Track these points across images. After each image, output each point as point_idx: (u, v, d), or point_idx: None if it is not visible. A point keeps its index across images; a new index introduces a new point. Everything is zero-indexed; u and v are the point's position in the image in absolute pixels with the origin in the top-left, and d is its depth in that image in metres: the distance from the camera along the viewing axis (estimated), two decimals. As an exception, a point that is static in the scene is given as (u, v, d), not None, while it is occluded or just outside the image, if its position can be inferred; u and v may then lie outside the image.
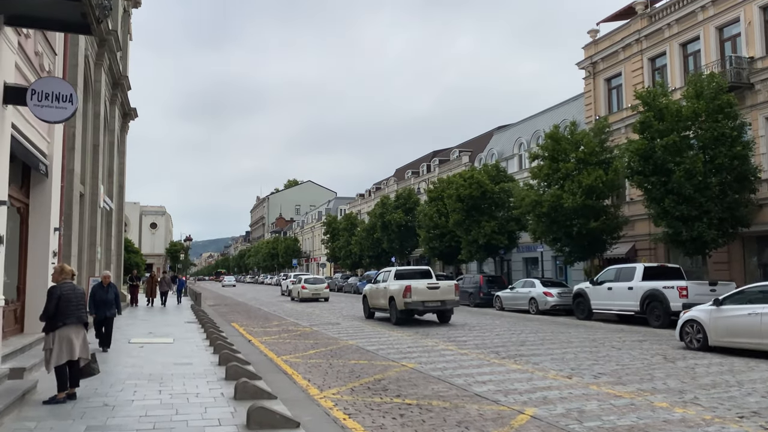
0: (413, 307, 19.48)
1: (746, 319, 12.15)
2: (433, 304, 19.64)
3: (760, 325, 11.84)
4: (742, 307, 12.42)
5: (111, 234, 27.40)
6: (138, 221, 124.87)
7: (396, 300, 19.84)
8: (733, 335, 12.46)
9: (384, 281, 21.52)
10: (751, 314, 12.08)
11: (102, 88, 22.53)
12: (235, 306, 33.34)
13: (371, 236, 50.65)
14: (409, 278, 20.51)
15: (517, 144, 40.11)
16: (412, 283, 19.61)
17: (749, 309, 12.19)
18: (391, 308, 20.28)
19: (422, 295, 19.42)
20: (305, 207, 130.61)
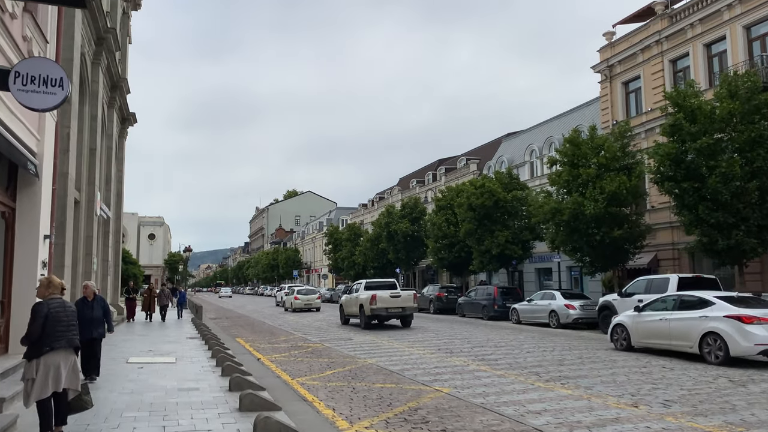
0: (378, 313, 22.94)
1: (658, 323, 14.46)
2: (395, 310, 23.10)
3: (669, 329, 14.10)
4: (655, 313, 14.76)
5: (108, 244, 26.09)
6: (136, 232, 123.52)
7: (364, 307, 23.04)
8: (649, 337, 14.78)
9: (356, 292, 24.67)
10: (662, 319, 14.40)
11: (99, 89, 21.32)
12: (237, 319, 31.96)
13: (376, 246, 49.34)
14: (376, 289, 23.60)
15: (528, 151, 38.93)
16: (377, 293, 22.98)
17: (661, 315, 14.55)
18: (361, 314, 23.43)
19: (386, 302, 22.88)
20: (305, 218, 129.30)
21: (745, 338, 12.28)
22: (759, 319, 12.40)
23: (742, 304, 13.14)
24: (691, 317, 13.65)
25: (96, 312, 9.93)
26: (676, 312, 14.21)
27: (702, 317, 13.32)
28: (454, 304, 33.77)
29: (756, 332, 12.25)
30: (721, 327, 12.73)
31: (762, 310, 12.77)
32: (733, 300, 13.53)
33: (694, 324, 13.43)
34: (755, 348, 12.26)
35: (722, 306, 13.13)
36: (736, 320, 12.57)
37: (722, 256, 19.45)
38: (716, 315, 13.03)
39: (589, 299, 24.37)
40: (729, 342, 12.50)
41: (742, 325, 12.43)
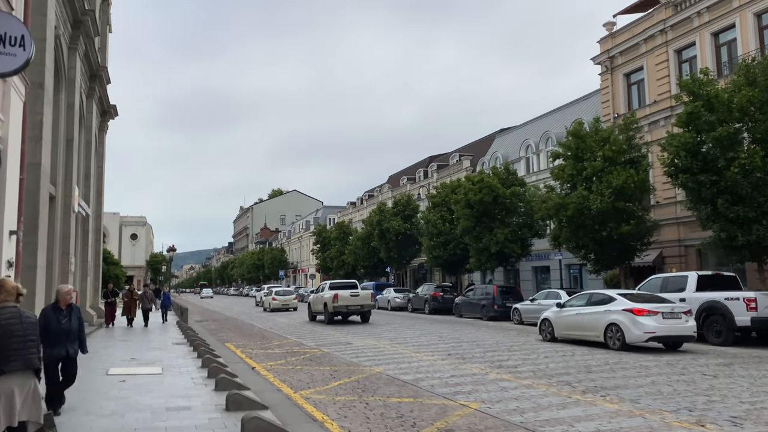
0: (339, 310, 25.82)
1: (575, 317, 16.63)
2: (354, 307, 26.00)
3: (582, 321, 16.34)
4: (572, 308, 16.95)
5: (88, 243, 24.61)
6: (118, 232, 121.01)
7: (328, 304, 26.08)
8: (567, 329, 16.91)
9: (322, 291, 27.94)
10: (577, 314, 16.57)
11: (77, 77, 19.85)
12: (224, 322, 30.52)
13: (367, 245, 48.06)
14: (339, 289, 26.80)
15: (524, 146, 37.91)
16: (339, 292, 26.06)
17: (576, 310, 16.74)
18: (325, 311, 26.49)
19: (347, 300, 25.83)
20: (291, 217, 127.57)
21: (637, 327, 14.69)
22: (648, 312, 14.79)
23: (638, 300, 15.47)
24: (598, 311, 15.93)
25: (73, 323, 7.68)
26: (587, 307, 16.51)
27: (606, 311, 15.64)
28: (450, 303, 32.63)
29: (645, 322, 14.67)
30: (620, 319, 15.07)
31: (652, 304, 15.03)
32: (632, 297, 15.94)
33: (600, 317, 15.72)
34: (645, 335, 14.63)
35: (622, 302, 15.48)
36: (631, 313, 14.91)
37: (741, 253, 18.46)
38: (617, 309, 15.35)
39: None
40: (625, 331, 14.87)
41: (635, 317, 14.78)
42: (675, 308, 15.17)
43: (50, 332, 7.39)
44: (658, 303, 15.25)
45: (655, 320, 14.68)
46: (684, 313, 15.15)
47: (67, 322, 7.60)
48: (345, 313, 26.27)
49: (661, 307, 14.98)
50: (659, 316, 14.78)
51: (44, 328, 7.11)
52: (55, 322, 7.48)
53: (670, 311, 15.01)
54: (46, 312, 7.62)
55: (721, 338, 16.08)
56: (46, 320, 7.43)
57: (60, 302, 7.69)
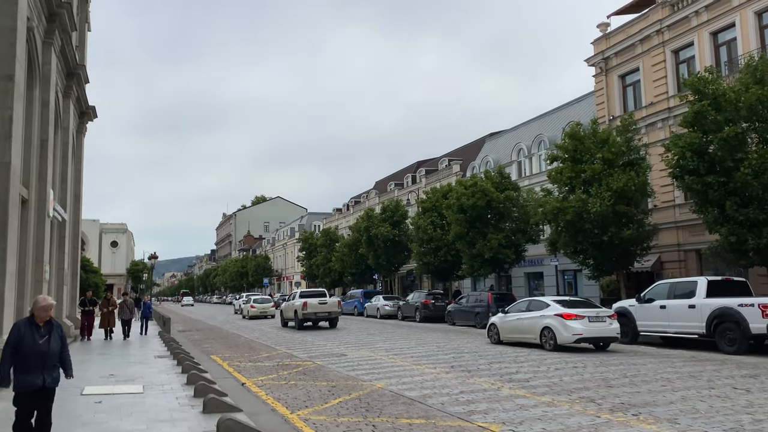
0: (308, 316, 27.68)
1: (515, 322, 18.44)
2: (322, 314, 27.86)
3: (522, 325, 18.10)
4: (514, 314, 18.69)
5: (64, 250, 23.32)
6: (98, 239, 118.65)
7: (298, 311, 27.77)
8: (511, 333, 18.63)
9: (293, 299, 29.51)
10: (518, 319, 18.36)
11: (52, 74, 18.67)
12: (208, 332, 29.33)
13: (354, 252, 47.05)
14: (309, 297, 28.37)
15: (515, 150, 37.23)
16: (308, 300, 27.80)
17: (517, 315, 18.53)
18: (296, 317, 28.13)
19: (315, 308, 27.61)
20: (275, 224, 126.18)
21: (566, 330, 16.45)
22: (576, 316, 16.54)
23: (569, 306, 17.30)
24: (535, 316, 17.66)
25: (53, 344, 5.96)
26: (526, 313, 18.19)
27: (541, 316, 17.37)
28: (442, 311, 31.76)
29: (573, 326, 16.42)
30: (552, 323, 16.86)
31: (580, 309, 16.92)
32: (565, 303, 17.69)
33: (537, 321, 17.48)
34: (573, 337, 16.38)
35: (555, 307, 17.25)
36: (561, 317, 16.68)
37: (750, 257, 17.79)
38: (550, 314, 17.08)
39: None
40: (557, 333, 16.64)
41: (565, 321, 16.56)
42: (600, 313, 17.15)
43: (23, 354, 5.80)
44: (586, 308, 17.33)
45: (582, 323, 16.48)
46: (608, 317, 17.01)
47: (46, 343, 5.89)
48: (314, 320, 28.16)
49: (587, 312, 16.89)
50: (585, 319, 16.56)
51: (15, 347, 5.78)
52: (31, 342, 5.83)
53: (596, 315, 16.87)
54: (20, 327, 5.93)
55: (734, 346, 15.34)
56: (19, 337, 5.82)
57: (36, 317, 6.01)
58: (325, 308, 27.97)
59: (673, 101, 25.60)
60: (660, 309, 17.59)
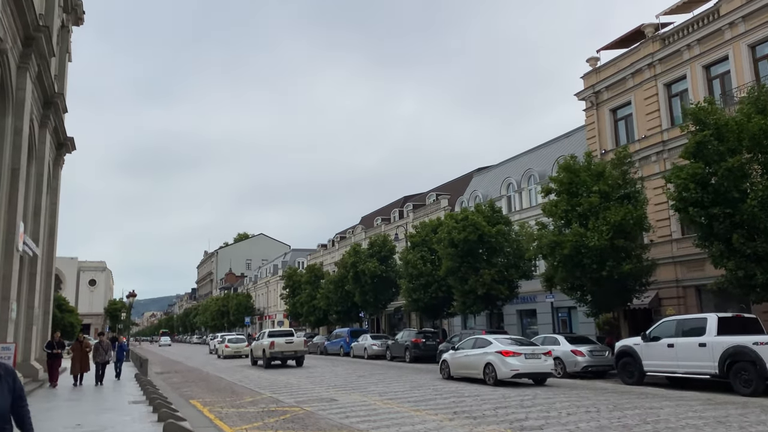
0: (275, 355, 28.92)
1: (464, 358, 19.60)
2: (289, 353, 29.28)
3: (468, 362, 19.28)
4: (463, 351, 19.94)
5: (35, 287, 21.98)
6: (75, 278, 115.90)
7: (266, 350, 28.90)
8: (459, 368, 19.80)
9: (262, 339, 30.49)
10: (465, 355, 19.58)
11: (27, 100, 17.75)
12: (188, 374, 27.81)
13: (340, 289, 45.80)
14: (276, 337, 29.60)
15: (504, 185, 36.72)
16: (275, 340, 29.10)
17: (465, 352, 19.72)
18: (263, 356, 29.18)
19: (282, 347, 28.98)
20: (257, 261, 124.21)
21: (505, 366, 17.81)
22: (514, 353, 17.96)
23: (508, 343, 18.78)
24: (479, 353, 18.97)
25: (2, 399, 4.49)
26: (473, 350, 19.47)
27: (484, 353, 18.73)
28: (433, 351, 30.54)
29: (511, 362, 17.80)
30: (494, 359, 18.16)
31: (518, 347, 18.45)
32: (505, 341, 19.19)
33: (480, 358, 18.77)
34: (511, 372, 17.76)
35: (496, 345, 18.67)
36: (501, 354, 18.04)
37: (758, 292, 17.07)
38: (492, 351, 18.46)
39: (596, 344, 21.71)
40: (497, 369, 17.95)
41: (504, 358, 17.92)
42: (536, 350, 18.68)
43: None
44: (524, 346, 18.85)
45: (519, 360, 17.89)
46: (544, 354, 18.50)
47: None
48: (281, 358, 29.44)
49: (524, 349, 18.44)
50: (522, 356, 17.99)
51: None
52: None
53: (532, 352, 18.35)
54: None
55: (750, 388, 14.45)
56: None
57: None
58: (292, 347, 29.43)
59: (667, 134, 25.28)
60: (667, 348, 16.72)
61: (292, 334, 30.68)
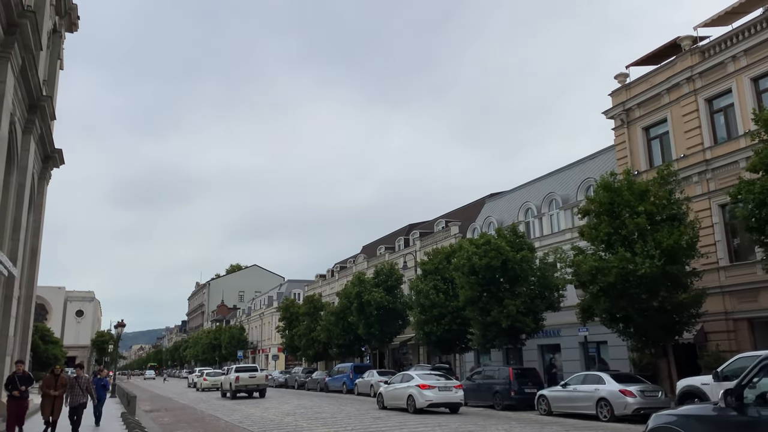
0: (240, 388, 33.09)
1: (393, 391, 23.27)
2: (252, 386, 33.25)
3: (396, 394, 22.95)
4: (393, 385, 23.59)
5: (10, 312, 19.34)
6: (62, 308, 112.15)
7: (232, 384, 33.30)
8: (391, 400, 23.26)
9: (229, 374, 35.15)
10: (394, 388, 23.20)
11: (8, 95, 15.51)
12: (180, 412, 25.02)
13: (342, 321, 43.08)
14: (242, 372, 33.73)
15: (523, 210, 34.51)
16: (240, 374, 33.23)
17: (394, 386, 23.39)
18: (231, 388, 33.60)
19: (246, 381, 33.04)
20: (250, 293, 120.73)
21: (422, 397, 21.20)
22: (429, 386, 21.33)
23: (425, 378, 22.22)
24: (403, 387, 22.51)
25: None
26: (399, 384, 23.10)
27: (407, 386, 22.18)
28: (449, 389, 28.02)
29: (427, 394, 21.16)
30: (414, 392, 21.58)
31: (434, 381, 21.88)
32: (423, 376, 22.73)
33: (404, 391, 22.31)
34: (426, 402, 21.05)
35: (416, 380, 22.05)
36: (419, 388, 21.43)
37: None
38: (413, 385, 21.86)
39: (647, 383, 19.16)
40: (416, 399, 21.32)
41: (422, 390, 21.31)
42: (448, 384, 22.04)
43: None
44: (438, 380, 22.22)
45: (433, 392, 21.37)
46: (455, 387, 22.03)
47: None
48: (245, 390, 33.55)
49: (438, 383, 21.86)
50: (436, 389, 21.47)
51: None
52: None
53: (444, 386, 21.80)
54: None
55: None
56: None
57: None
58: (255, 381, 33.51)
59: (711, 153, 23.28)
60: (748, 389, 14.25)
61: (256, 369, 35.23)
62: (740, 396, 6.46)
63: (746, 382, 6.52)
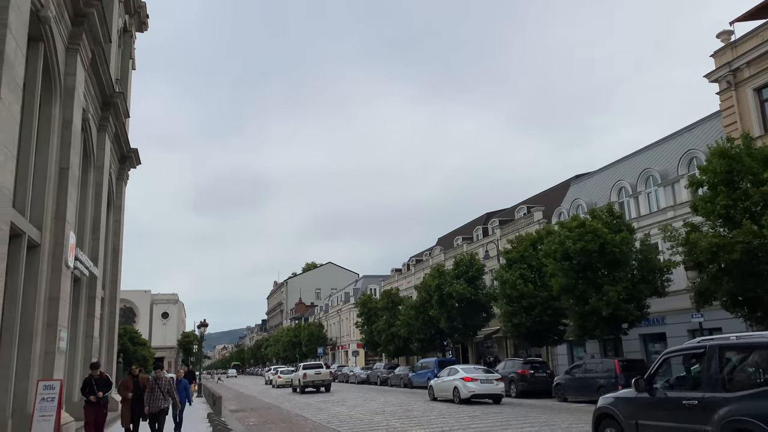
0: (307, 383, 36.70)
1: (441, 384, 25.61)
2: (318, 381, 36.89)
3: (442, 386, 25.34)
4: (441, 378, 26.01)
5: (94, 313, 19.10)
6: (149, 311, 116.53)
7: (300, 380, 37.10)
8: (440, 392, 25.56)
9: (295, 371, 40.87)
10: (442, 381, 25.54)
11: (78, 89, 15.01)
12: (265, 412, 24.39)
13: (422, 315, 41.70)
14: (308, 369, 37.39)
15: (615, 190, 31.96)
16: (307, 371, 36.97)
17: (442, 379, 25.73)
18: (299, 384, 37.47)
19: (312, 377, 36.78)
20: (326, 290, 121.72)
21: (466, 389, 23.34)
22: (472, 379, 23.55)
23: (469, 372, 24.28)
24: (450, 380, 24.73)
25: None
26: (447, 377, 25.25)
27: (453, 379, 24.32)
28: (543, 384, 26.25)
29: (470, 386, 23.34)
30: (458, 384, 23.75)
31: (477, 374, 24.03)
32: (467, 369, 24.78)
33: (451, 383, 24.39)
34: (469, 393, 23.22)
35: (461, 373, 24.17)
36: (463, 380, 23.62)
37: None
38: (458, 378, 24.05)
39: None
40: (460, 391, 23.51)
41: (465, 383, 23.49)
42: (489, 377, 23.80)
43: None
44: (481, 374, 24.06)
45: (475, 384, 23.15)
46: (496, 380, 23.68)
47: None
48: (312, 385, 37.00)
49: (480, 375, 23.72)
50: (478, 381, 23.28)
51: None
52: None
53: (486, 378, 23.60)
54: None
55: None
56: None
57: None
58: (320, 377, 36.98)
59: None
60: None
61: (321, 366, 38.85)
62: (650, 382, 8.81)
63: (653, 372, 8.92)
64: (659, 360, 9.04)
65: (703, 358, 8.09)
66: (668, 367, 9.09)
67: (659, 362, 8.98)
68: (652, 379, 8.83)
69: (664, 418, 8.31)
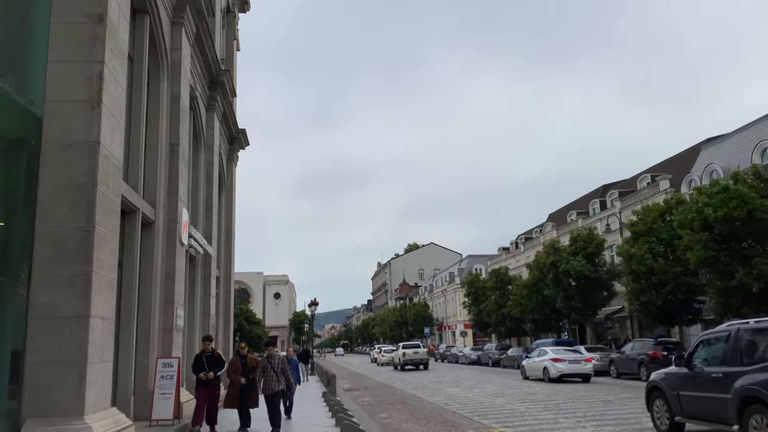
0: (406, 362, 39.80)
1: (533, 364, 26.79)
2: (416, 359, 39.78)
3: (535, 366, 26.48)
4: (533, 358, 27.30)
5: (210, 292, 19.18)
6: (261, 291, 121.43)
7: (399, 359, 40.53)
8: (532, 371, 26.72)
9: (396, 350, 43.98)
10: (534, 361, 26.82)
11: (185, 63, 14.77)
12: (379, 391, 23.86)
13: (536, 294, 39.74)
14: (407, 348, 40.60)
15: (758, 151, 28.44)
16: (406, 351, 40.28)
17: (534, 359, 26.97)
18: (399, 362, 40.70)
19: (410, 356, 39.81)
20: (429, 271, 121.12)
21: (555, 369, 24.70)
22: (561, 360, 24.86)
23: (558, 352, 25.66)
24: (540, 360, 26.09)
25: None
26: (537, 358, 26.73)
27: (543, 360, 25.81)
28: (679, 367, 23.71)
29: (559, 366, 24.66)
30: (547, 364, 25.17)
31: (565, 354, 25.45)
32: (556, 350, 26.10)
33: (540, 363, 25.89)
34: (558, 373, 24.53)
35: (550, 354, 25.62)
36: (552, 361, 25.03)
37: None
38: (547, 358, 25.50)
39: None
40: (549, 370, 24.91)
41: (554, 363, 24.85)
42: (577, 357, 25.44)
43: None
44: (570, 354, 25.77)
45: (564, 365, 24.73)
46: (584, 360, 25.22)
47: None
48: (411, 363, 39.58)
49: (569, 356, 25.35)
50: (567, 362, 24.83)
51: None
52: None
53: (574, 359, 25.19)
54: None
55: None
56: None
57: None
58: (418, 356, 39.66)
59: None
60: None
61: (418, 346, 41.72)
62: (689, 360, 10.41)
63: (692, 351, 10.51)
64: (697, 340, 10.47)
65: (729, 339, 9.41)
66: (707, 347, 10.24)
67: (696, 343, 10.38)
68: (691, 357, 10.34)
69: (697, 389, 9.84)
